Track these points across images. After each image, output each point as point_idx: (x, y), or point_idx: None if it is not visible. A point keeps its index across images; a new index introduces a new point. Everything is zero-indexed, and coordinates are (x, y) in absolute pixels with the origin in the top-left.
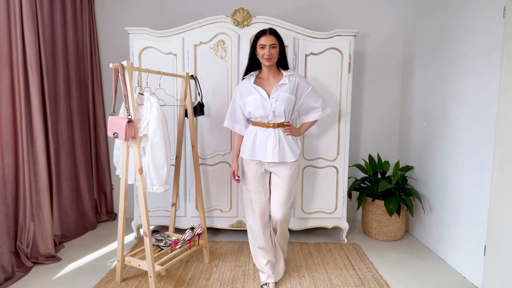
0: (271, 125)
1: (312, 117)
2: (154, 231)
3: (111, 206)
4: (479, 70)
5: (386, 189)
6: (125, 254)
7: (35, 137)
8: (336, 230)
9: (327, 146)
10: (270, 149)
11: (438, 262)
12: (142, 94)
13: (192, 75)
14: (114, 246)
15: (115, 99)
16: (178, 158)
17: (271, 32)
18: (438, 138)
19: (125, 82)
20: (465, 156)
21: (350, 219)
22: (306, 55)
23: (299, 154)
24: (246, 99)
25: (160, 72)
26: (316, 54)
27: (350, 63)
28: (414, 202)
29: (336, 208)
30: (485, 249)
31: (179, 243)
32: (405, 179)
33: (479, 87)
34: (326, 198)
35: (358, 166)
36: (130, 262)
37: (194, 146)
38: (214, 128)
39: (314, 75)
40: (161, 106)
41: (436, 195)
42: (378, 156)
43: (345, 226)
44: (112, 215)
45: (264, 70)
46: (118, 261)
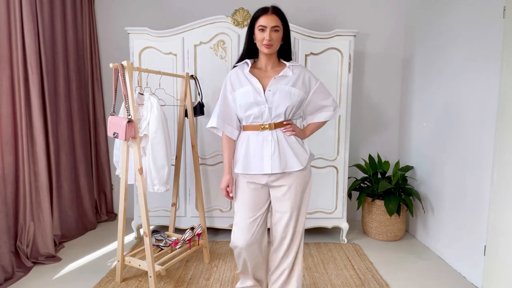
0: (267, 126)
1: (320, 117)
2: (154, 231)
3: (111, 206)
4: (479, 70)
5: (386, 189)
6: (125, 254)
7: (35, 137)
8: (336, 230)
9: (327, 146)
10: (268, 156)
11: (438, 262)
12: (142, 94)
13: (192, 75)
14: (114, 246)
15: (115, 99)
16: (178, 158)
17: (274, 11)
18: (438, 138)
19: (125, 82)
20: (465, 156)
21: (350, 219)
22: (306, 55)
23: (309, 160)
24: (237, 92)
25: (160, 72)
26: (316, 54)
27: (350, 63)
28: (414, 202)
29: (336, 208)
30: (485, 249)
31: (179, 243)
32: (405, 179)
33: (479, 87)
34: (326, 198)
35: (358, 166)
36: (130, 262)
37: (194, 146)
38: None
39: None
40: (161, 106)
41: (436, 195)
42: (378, 156)
43: (345, 226)
44: (112, 215)
45: (261, 59)
46: (118, 261)
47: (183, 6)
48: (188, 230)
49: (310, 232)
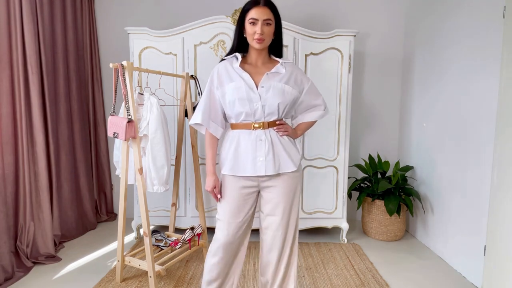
0: (260, 125)
1: (311, 116)
2: (154, 231)
3: (111, 206)
4: (479, 70)
5: (386, 189)
6: (125, 254)
7: (35, 137)
8: (336, 230)
9: (327, 146)
10: (261, 157)
11: (438, 262)
12: (142, 94)
13: (192, 75)
14: (114, 246)
15: (115, 99)
16: (178, 158)
17: (266, 3)
18: (438, 138)
19: (125, 82)
20: (465, 155)
21: (350, 219)
22: (306, 55)
23: (300, 161)
24: (226, 88)
25: (160, 72)
26: (316, 54)
27: (350, 63)
28: (414, 202)
29: (336, 208)
30: (485, 249)
31: (179, 243)
32: (405, 179)
33: (479, 87)
34: (326, 198)
35: (358, 166)
36: (130, 262)
37: (194, 146)
38: None
39: (314, 75)
40: (161, 106)
41: (436, 195)
42: (378, 156)
43: (345, 226)
44: (112, 215)
45: (252, 54)
46: (118, 261)
47: (183, 6)
48: (188, 230)
49: (310, 232)
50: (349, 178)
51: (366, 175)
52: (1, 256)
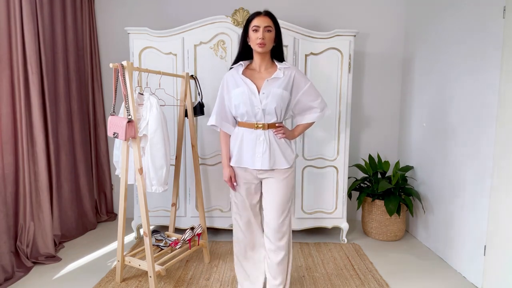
0: (261, 125)
1: (308, 118)
2: (154, 231)
3: (111, 206)
4: (479, 70)
5: (386, 189)
6: (125, 254)
7: (35, 137)
8: (336, 230)
9: (327, 146)
10: (260, 154)
11: (438, 262)
12: (142, 94)
13: (192, 75)
14: (114, 246)
15: (115, 99)
16: (178, 158)
17: (267, 13)
18: (438, 138)
19: (125, 82)
20: (465, 156)
21: (350, 219)
22: (306, 55)
23: (294, 160)
24: (233, 93)
25: (160, 72)
26: (316, 54)
27: (350, 63)
28: (414, 202)
29: (336, 208)
30: (485, 249)
31: (179, 243)
32: (405, 179)
33: (479, 87)
34: (326, 198)
35: (358, 166)
36: (130, 262)
37: (194, 146)
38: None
39: (314, 75)
40: (161, 106)
41: (436, 195)
42: (378, 156)
43: (345, 226)
44: (112, 215)
45: (256, 60)
46: (118, 261)
47: (183, 6)
48: (188, 230)
49: (310, 232)
50: (349, 178)
51: (366, 175)
52: (1, 256)
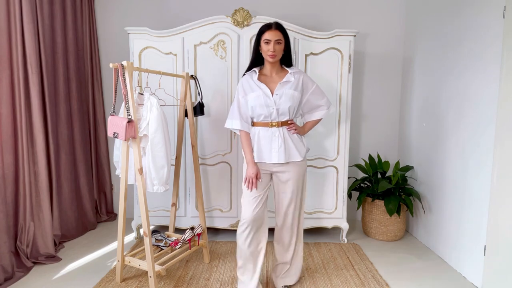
0: (275, 123)
1: (316, 115)
2: (154, 231)
3: (111, 206)
4: (479, 70)
5: (386, 189)
6: (125, 254)
7: (35, 137)
8: (336, 230)
9: (327, 146)
10: (276, 149)
11: (438, 262)
12: (142, 94)
13: (192, 75)
14: (114, 246)
15: (115, 99)
16: (178, 158)
17: (277, 26)
18: (438, 138)
19: (125, 82)
20: (465, 156)
21: (350, 219)
22: (306, 55)
23: (306, 153)
24: (249, 97)
25: (160, 72)
26: (316, 54)
27: (350, 63)
28: (414, 202)
29: (336, 208)
30: (485, 249)
31: (179, 243)
32: (405, 179)
33: (479, 87)
34: (326, 198)
35: (358, 166)
36: (130, 262)
37: (194, 146)
38: (214, 128)
39: (314, 75)
40: (161, 106)
41: (436, 195)
42: (378, 156)
43: (345, 226)
44: (112, 215)
45: (267, 66)
46: (118, 261)
47: (183, 6)
48: (188, 230)
49: (310, 232)
50: (349, 178)
51: (366, 175)
52: (1, 256)
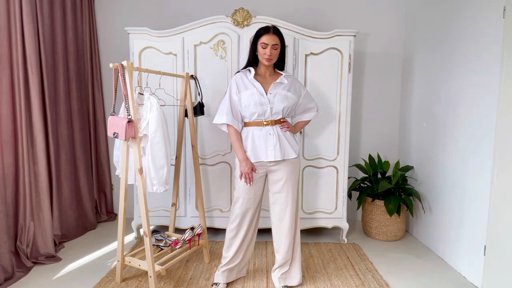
0: (269, 122)
1: (307, 116)
2: (154, 231)
3: (111, 206)
4: (479, 70)
5: (386, 189)
6: (125, 254)
7: (35, 137)
8: (336, 230)
9: (327, 146)
10: (271, 147)
11: (438, 262)
12: (142, 94)
13: (192, 75)
14: (114, 246)
15: (115, 99)
16: (178, 158)
17: (275, 31)
18: (438, 138)
19: (125, 82)
20: (465, 156)
21: (350, 219)
22: (306, 55)
23: (299, 150)
24: (242, 94)
25: (160, 72)
26: (316, 54)
27: (350, 63)
28: (414, 202)
29: (336, 208)
30: (485, 249)
31: (179, 243)
32: (405, 179)
33: (479, 87)
34: (326, 198)
35: (358, 166)
36: (130, 262)
37: (194, 146)
38: (214, 128)
39: (314, 75)
40: (161, 106)
41: (436, 195)
42: (378, 156)
43: (345, 226)
44: (112, 215)
45: (261, 68)
46: (118, 261)
47: (183, 6)
48: (188, 230)
49: (310, 232)
50: (349, 178)
51: (366, 175)
52: (1, 256)
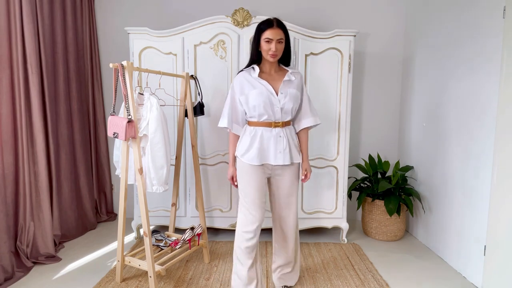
0: (279, 124)
1: (305, 123)
2: (154, 231)
3: (111, 206)
4: (479, 70)
5: (386, 189)
6: (125, 254)
7: (35, 137)
8: (336, 230)
9: (327, 146)
10: (281, 150)
11: (438, 262)
12: (142, 94)
13: (192, 75)
14: (114, 246)
15: (115, 99)
16: (178, 158)
17: (279, 24)
18: (438, 138)
19: (125, 82)
20: (465, 156)
21: (350, 219)
22: (306, 55)
23: None
24: (249, 94)
25: (160, 72)
26: (316, 54)
27: (350, 63)
28: (414, 202)
29: (336, 208)
30: (485, 249)
31: (179, 243)
32: (405, 179)
33: (479, 87)
34: (326, 198)
35: (358, 166)
36: (130, 262)
37: (194, 146)
38: (214, 128)
39: (314, 75)
40: (161, 106)
41: (436, 195)
42: (378, 156)
43: (345, 226)
44: (112, 215)
45: (266, 64)
46: (118, 261)
47: (183, 6)
48: (188, 230)
49: (310, 232)
50: (349, 178)
51: (366, 175)
52: (1, 256)
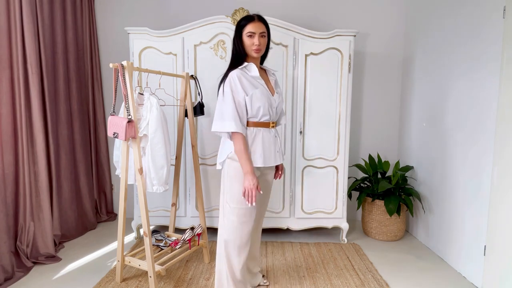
0: (274, 124)
1: (282, 121)
2: (154, 231)
3: (111, 206)
4: (479, 70)
5: (386, 189)
6: (125, 254)
7: (35, 137)
8: (336, 230)
9: (327, 146)
10: (278, 150)
11: (438, 262)
12: (142, 94)
13: (192, 75)
14: (114, 246)
15: (115, 99)
16: (178, 158)
17: (260, 18)
18: (438, 138)
19: (125, 82)
20: (465, 156)
21: (350, 219)
22: (306, 55)
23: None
24: (254, 94)
25: (160, 72)
26: (316, 54)
27: (350, 63)
28: (414, 202)
29: (336, 208)
30: (485, 249)
31: (179, 243)
32: (405, 179)
33: (479, 87)
34: (326, 198)
35: (358, 166)
36: (130, 262)
37: (194, 146)
38: None
39: (314, 75)
40: (161, 106)
41: (436, 195)
42: (378, 156)
43: (345, 226)
44: (112, 215)
45: (253, 63)
46: (118, 261)
47: (183, 6)
48: (188, 230)
49: (310, 232)
50: (349, 178)
51: (366, 175)
52: (1, 256)
